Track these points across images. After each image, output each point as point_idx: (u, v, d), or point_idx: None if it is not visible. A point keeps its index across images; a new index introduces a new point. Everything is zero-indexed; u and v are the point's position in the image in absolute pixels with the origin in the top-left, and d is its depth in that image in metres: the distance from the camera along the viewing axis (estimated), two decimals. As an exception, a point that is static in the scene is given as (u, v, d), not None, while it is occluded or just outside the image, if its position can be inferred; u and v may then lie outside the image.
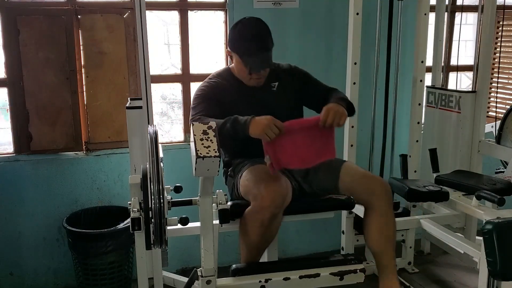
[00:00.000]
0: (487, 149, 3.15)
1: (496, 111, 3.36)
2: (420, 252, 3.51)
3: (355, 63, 2.82)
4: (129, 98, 2.80)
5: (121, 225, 2.80)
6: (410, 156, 3.10)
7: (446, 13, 3.43)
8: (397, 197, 3.02)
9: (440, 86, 3.44)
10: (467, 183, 2.74)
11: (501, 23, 3.71)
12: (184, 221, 1.97)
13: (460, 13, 3.42)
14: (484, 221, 2.09)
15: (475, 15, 3.52)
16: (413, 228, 3.13)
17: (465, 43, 4.16)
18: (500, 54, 3.69)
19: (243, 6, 3.10)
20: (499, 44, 3.55)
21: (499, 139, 3.13)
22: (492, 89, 3.73)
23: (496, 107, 3.45)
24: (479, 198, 2.54)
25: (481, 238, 2.11)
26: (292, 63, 2.70)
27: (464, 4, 3.54)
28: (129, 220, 1.95)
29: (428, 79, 3.42)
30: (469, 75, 3.98)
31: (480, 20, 3.19)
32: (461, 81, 4.35)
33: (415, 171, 3.12)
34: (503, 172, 2.99)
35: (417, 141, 3.12)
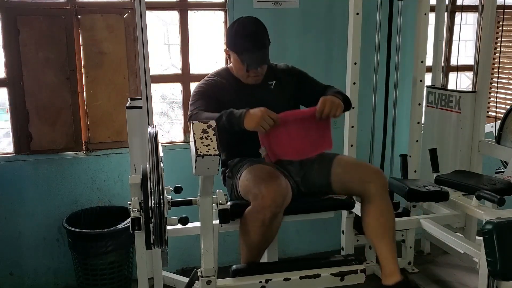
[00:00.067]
0: (487, 149, 3.15)
1: (496, 111, 3.36)
2: (420, 252, 3.51)
3: (355, 63, 2.82)
4: (129, 98, 2.80)
5: (121, 225, 2.80)
6: (410, 156, 3.10)
7: (446, 13, 3.43)
8: (397, 197, 3.02)
9: (440, 86, 3.44)
10: (467, 183, 2.74)
11: (501, 23, 3.71)
12: (184, 221, 1.97)
13: (460, 13, 3.42)
14: (484, 221, 2.09)
15: (475, 15, 3.52)
16: (413, 228, 3.13)
17: (465, 43, 4.16)
18: (500, 54, 3.69)
19: (243, 6, 3.10)
20: (499, 44, 3.55)
21: (499, 139, 3.13)
22: (492, 89, 3.73)
23: (496, 107, 3.45)
24: (479, 198, 2.54)
25: (481, 238, 2.11)
26: (292, 63, 2.71)
27: (464, 4, 3.54)
28: (129, 220, 1.95)
29: (428, 79, 3.42)
30: (469, 75, 3.98)
31: (480, 20, 3.19)
32: (461, 81, 4.35)
33: (415, 171, 3.12)
34: (503, 172, 2.99)
35: (417, 141, 3.12)
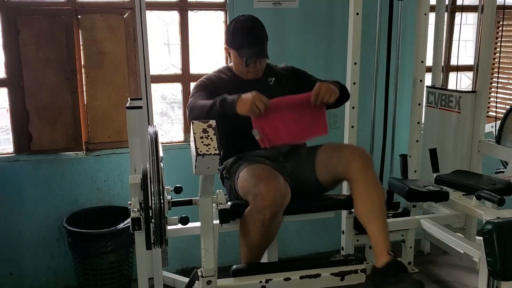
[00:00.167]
0: (487, 149, 3.15)
1: (496, 111, 3.36)
2: (420, 252, 3.51)
3: (355, 63, 2.82)
4: (129, 98, 2.80)
5: (121, 225, 2.80)
6: (410, 156, 3.10)
7: (446, 13, 3.43)
8: (397, 197, 3.02)
9: (440, 86, 3.43)
10: (467, 183, 2.73)
11: (501, 23, 3.70)
12: (184, 221, 1.97)
13: (460, 13, 3.42)
14: (484, 221, 2.09)
15: (475, 15, 3.52)
16: (413, 228, 3.13)
17: (465, 43, 4.17)
18: (500, 54, 3.69)
19: (243, 6, 3.10)
20: (499, 44, 3.55)
21: (499, 139, 3.13)
22: (492, 89, 3.73)
23: (496, 107, 3.44)
24: (479, 198, 2.54)
25: (481, 238, 2.11)
26: (292, 63, 2.73)
27: (464, 4, 3.54)
28: (129, 220, 1.95)
29: (428, 79, 3.42)
30: (469, 75, 3.98)
31: (480, 20, 3.19)
32: (461, 81, 4.35)
33: (415, 171, 3.12)
34: (503, 172, 2.99)
35: (417, 141, 3.12)
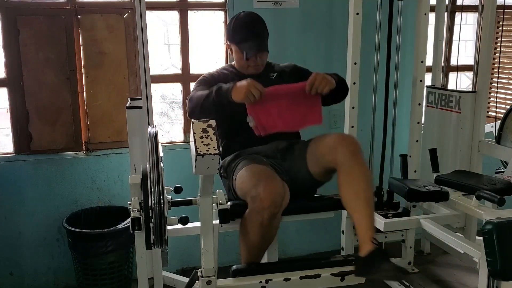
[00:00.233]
0: (487, 149, 3.15)
1: (496, 111, 3.36)
2: (420, 252, 3.51)
3: (355, 63, 2.82)
4: (129, 98, 2.80)
5: (121, 225, 2.80)
6: (410, 156, 3.10)
7: (446, 13, 3.43)
8: (397, 197, 3.02)
9: (440, 86, 3.43)
10: (467, 183, 2.73)
11: (501, 23, 3.70)
12: (184, 221, 1.97)
13: (460, 13, 3.42)
14: (484, 221, 2.09)
15: (475, 15, 3.52)
16: (413, 228, 3.13)
17: (465, 43, 4.16)
18: (500, 54, 3.69)
19: (243, 6, 3.09)
20: (499, 44, 3.55)
21: (499, 139, 3.13)
22: (492, 89, 3.73)
23: (496, 107, 3.44)
24: (479, 198, 2.54)
25: (481, 238, 2.11)
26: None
27: (464, 4, 3.53)
28: (129, 220, 1.95)
29: (428, 79, 3.42)
30: (469, 75, 3.98)
31: (480, 20, 3.19)
32: (461, 81, 4.35)
33: (415, 171, 3.12)
34: (503, 172, 2.98)
35: (417, 141, 3.12)
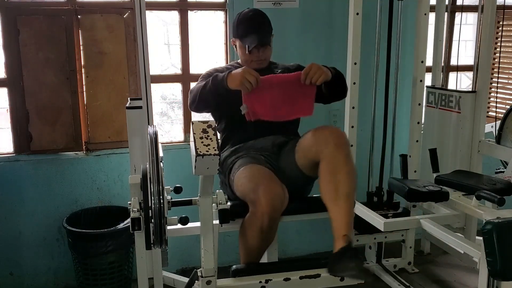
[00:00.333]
0: (487, 149, 3.14)
1: (496, 111, 3.36)
2: (420, 252, 3.51)
3: (355, 63, 2.82)
4: (129, 98, 2.80)
5: (121, 225, 2.80)
6: (410, 156, 3.10)
7: (446, 13, 3.43)
8: (397, 197, 3.02)
9: (440, 86, 3.43)
10: (467, 183, 2.73)
11: (501, 23, 3.70)
12: (184, 221, 1.97)
13: (460, 13, 3.42)
14: (484, 221, 2.09)
15: (475, 15, 3.52)
16: (413, 228, 3.13)
17: (465, 43, 4.16)
18: (500, 54, 3.69)
19: (243, 6, 3.08)
20: (499, 44, 3.55)
21: (499, 139, 3.13)
22: (492, 89, 3.73)
23: (496, 107, 3.44)
24: (479, 198, 2.54)
25: (481, 238, 2.11)
26: (292, 63, 2.73)
27: (464, 4, 3.53)
28: (129, 220, 1.95)
29: (428, 79, 3.42)
30: (469, 75, 3.98)
31: (480, 20, 3.19)
32: (461, 81, 4.35)
33: (415, 171, 3.12)
34: (503, 172, 2.98)
35: (417, 141, 3.12)
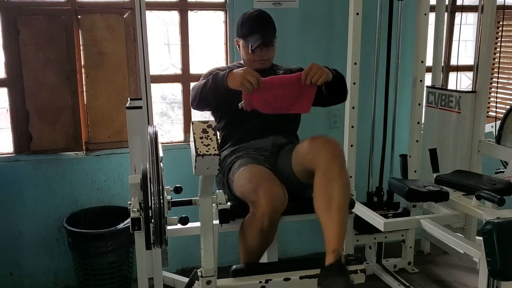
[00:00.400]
0: (487, 149, 3.14)
1: (496, 111, 3.36)
2: (420, 252, 3.51)
3: (355, 63, 2.82)
4: (129, 98, 2.80)
5: (121, 225, 2.80)
6: (410, 156, 3.10)
7: (446, 13, 3.43)
8: (397, 197, 3.02)
9: (440, 86, 3.43)
10: (467, 183, 2.73)
11: (501, 23, 3.70)
12: (184, 221, 1.97)
13: (460, 13, 3.42)
14: (484, 221, 2.09)
15: (475, 15, 3.52)
16: (413, 228, 3.13)
17: (465, 43, 4.16)
18: (500, 54, 3.69)
19: (243, 6, 3.09)
20: (499, 44, 3.55)
21: (499, 139, 3.13)
22: (492, 89, 3.73)
23: (496, 107, 3.44)
24: (479, 198, 2.54)
25: (481, 238, 2.11)
26: (292, 63, 2.73)
27: (464, 4, 3.53)
28: (129, 220, 1.95)
29: (428, 79, 3.42)
30: (469, 75, 3.98)
31: (480, 20, 3.19)
32: (461, 81, 4.35)
33: (415, 171, 3.12)
34: (503, 172, 2.98)
35: (417, 141, 3.12)
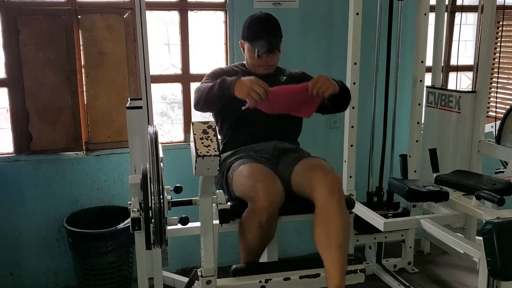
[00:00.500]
0: (487, 149, 3.15)
1: (496, 111, 3.36)
2: (420, 252, 3.51)
3: (355, 63, 2.82)
4: (129, 98, 2.80)
5: (121, 225, 2.80)
6: (410, 156, 3.10)
7: (446, 13, 3.43)
8: (397, 197, 3.02)
9: (440, 86, 3.43)
10: (467, 183, 2.73)
11: (501, 23, 3.70)
12: (184, 221, 1.97)
13: (460, 13, 3.42)
14: (484, 221, 2.09)
15: (475, 15, 3.52)
16: (413, 228, 3.13)
17: (465, 43, 4.16)
18: (500, 54, 3.69)
19: (243, 6, 3.10)
20: (499, 44, 3.55)
21: (499, 139, 3.13)
22: (492, 89, 3.73)
23: (496, 107, 3.44)
24: (479, 198, 2.54)
25: (481, 238, 2.11)
26: (292, 63, 2.74)
27: (464, 4, 3.53)
28: (129, 220, 1.94)
29: (428, 79, 3.42)
30: (469, 75, 3.98)
31: (480, 20, 3.19)
32: (461, 81, 4.35)
33: (415, 171, 3.12)
34: (503, 172, 2.99)
35: (417, 141, 3.12)
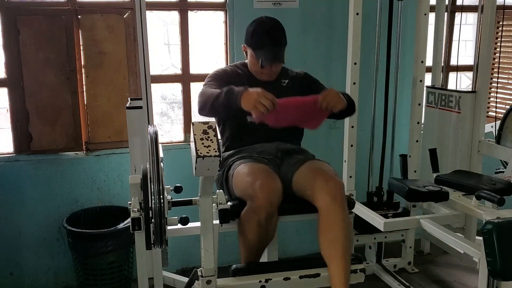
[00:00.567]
0: (487, 149, 3.15)
1: (496, 111, 3.36)
2: (420, 252, 3.51)
3: (355, 63, 2.82)
4: (129, 98, 2.80)
5: (121, 225, 2.80)
6: (410, 156, 3.10)
7: (446, 13, 3.43)
8: (397, 197, 3.02)
9: (440, 86, 3.43)
10: (467, 183, 2.73)
11: (501, 23, 3.70)
12: (184, 221, 1.97)
13: (460, 13, 3.42)
14: (484, 221, 2.09)
15: (475, 15, 3.52)
16: (413, 228, 3.13)
17: (465, 43, 4.16)
18: (500, 54, 3.69)
19: (243, 6, 3.10)
20: (499, 44, 3.55)
21: (499, 139, 3.13)
22: (492, 89, 3.73)
23: (496, 107, 3.45)
24: (479, 198, 2.54)
25: (481, 238, 2.11)
26: (292, 63, 2.72)
27: (464, 4, 3.53)
28: (129, 220, 1.95)
29: (428, 79, 3.42)
30: (469, 75, 3.98)
31: (480, 20, 3.19)
32: (461, 81, 4.35)
33: (415, 171, 3.12)
34: (503, 172, 2.99)
35: (417, 141, 3.12)
